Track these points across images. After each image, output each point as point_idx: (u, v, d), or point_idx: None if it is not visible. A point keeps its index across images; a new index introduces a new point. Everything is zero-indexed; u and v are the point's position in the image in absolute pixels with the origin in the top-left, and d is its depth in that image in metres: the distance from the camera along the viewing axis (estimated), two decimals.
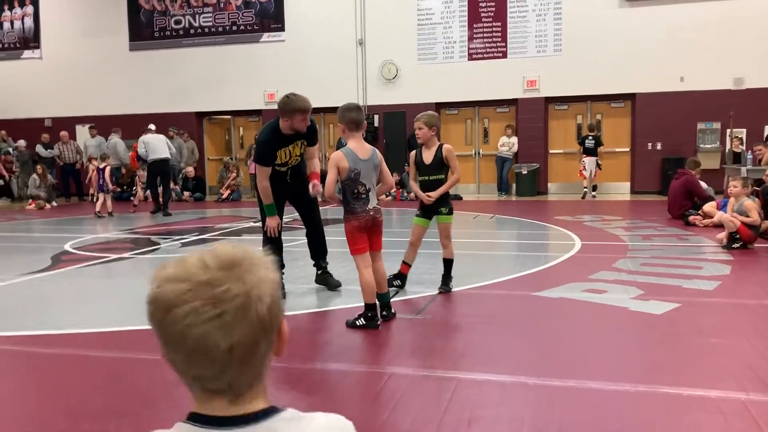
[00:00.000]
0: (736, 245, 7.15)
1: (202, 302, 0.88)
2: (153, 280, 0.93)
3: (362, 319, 4.36)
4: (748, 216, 7.21)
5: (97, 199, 12.58)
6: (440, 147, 5.25)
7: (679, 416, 2.95)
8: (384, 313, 4.53)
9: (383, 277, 4.50)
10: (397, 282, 5.52)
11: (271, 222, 5.19)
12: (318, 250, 5.70)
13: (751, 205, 7.32)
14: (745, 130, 13.59)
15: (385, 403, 3.15)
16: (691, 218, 9.19)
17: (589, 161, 14.19)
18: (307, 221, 5.71)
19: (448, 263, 5.43)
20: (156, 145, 12.61)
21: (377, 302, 4.43)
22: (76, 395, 3.38)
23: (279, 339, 0.97)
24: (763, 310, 4.70)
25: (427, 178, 5.28)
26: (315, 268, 5.76)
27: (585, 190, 14.40)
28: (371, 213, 4.35)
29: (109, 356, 3.97)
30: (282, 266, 5.63)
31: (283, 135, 5.14)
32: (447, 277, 5.45)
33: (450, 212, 5.32)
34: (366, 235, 4.36)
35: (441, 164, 5.23)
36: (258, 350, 0.92)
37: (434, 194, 5.22)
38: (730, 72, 13.81)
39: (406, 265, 5.55)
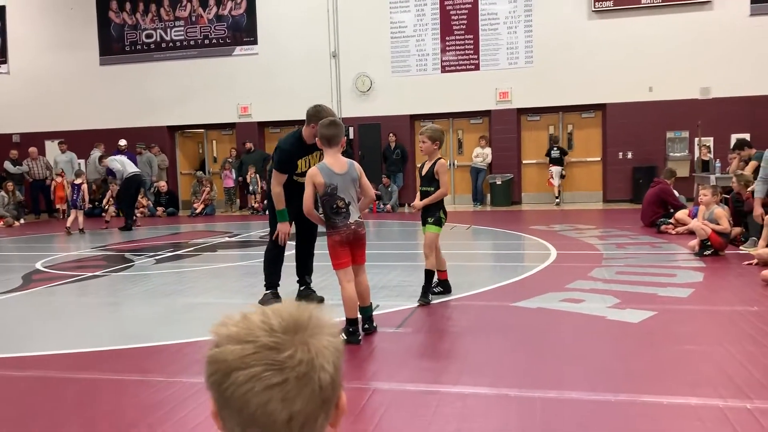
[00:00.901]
0: (708, 252, 7.28)
1: (264, 368, 0.84)
2: (213, 337, 0.88)
3: (343, 334, 4.34)
4: (718, 224, 7.36)
5: (69, 215, 12.37)
6: (436, 161, 5.45)
7: (660, 425, 2.99)
8: (366, 326, 4.52)
9: (366, 290, 4.49)
10: (439, 288, 5.68)
11: (283, 228, 5.19)
12: (306, 268, 5.71)
13: (721, 212, 7.47)
14: (712, 139, 13.88)
15: (368, 420, 3.14)
16: (663, 227, 9.36)
17: (554, 170, 14.79)
18: (303, 236, 5.65)
19: (427, 275, 5.47)
20: (126, 161, 12.93)
21: (358, 316, 4.42)
22: (50, 419, 3.30)
23: (336, 411, 0.92)
24: (735, 316, 4.79)
25: (421, 188, 5.56)
26: (298, 284, 5.73)
27: (557, 198, 14.81)
28: (352, 227, 4.33)
29: (85, 377, 3.89)
30: (279, 277, 5.63)
31: (305, 144, 5.20)
32: (426, 289, 5.47)
33: (436, 223, 5.44)
34: (348, 249, 4.35)
35: (432, 177, 5.42)
36: (316, 424, 0.87)
37: (417, 204, 5.49)
38: (697, 82, 14.12)
39: (441, 271, 5.72)
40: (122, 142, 15.44)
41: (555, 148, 14.87)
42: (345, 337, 4.32)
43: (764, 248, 6.77)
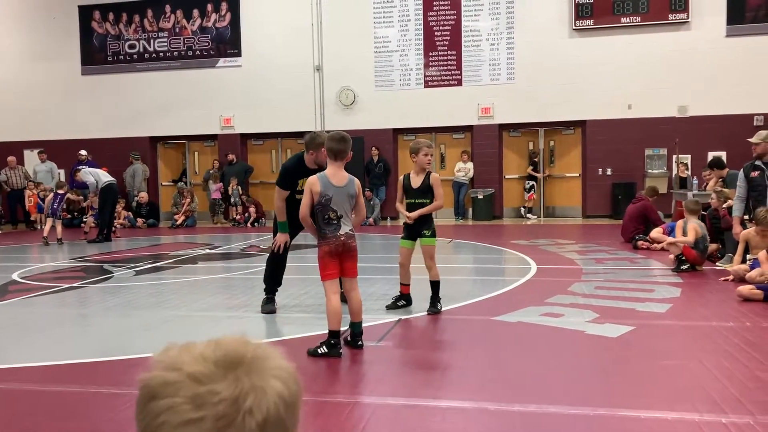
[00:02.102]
0: (684, 267, 7.39)
1: (183, 400, 0.74)
2: (153, 361, 0.80)
3: (325, 347, 4.32)
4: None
5: (45, 224, 12.20)
6: (428, 174, 5.64)
7: None
8: (360, 343, 4.51)
9: (358, 305, 4.48)
10: (402, 302, 5.77)
11: (281, 238, 5.50)
12: None
13: (692, 225, 7.60)
14: (689, 156, 14.11)
15: None
16: (639, 243, 9.49)
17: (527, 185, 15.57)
18: None
19: (434, 285, 5.60)
20: (100, 172, 12.80)
21: (341, 330, 4.41)
22: None
23: None
24: (711, 331, 4.86)
25: (413, 201, 5.66)
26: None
27: (523, 208, 15.63)
28: (342, 238, 4.34)
29: (61, 390, 3.83)
30: (279, 284, 5.88)
31: (305, 167, 5.43)
32: (435, 299, 5.59)
33: (433, 235, 5.64)
34: (337, 261, 4.36)
35: (428, 189, 5.61)
36: None
37: (413, 214, 5.58)
38: (675, 100, 14.37)
39: (404, 285, 5.78)
40: (83, 152, 15.41)
41: (531, 163, 15.54)
42: (326, 350, 4.31)
43: (740, 264, 6.88)
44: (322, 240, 4.37)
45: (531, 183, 15.40)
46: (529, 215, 15.45)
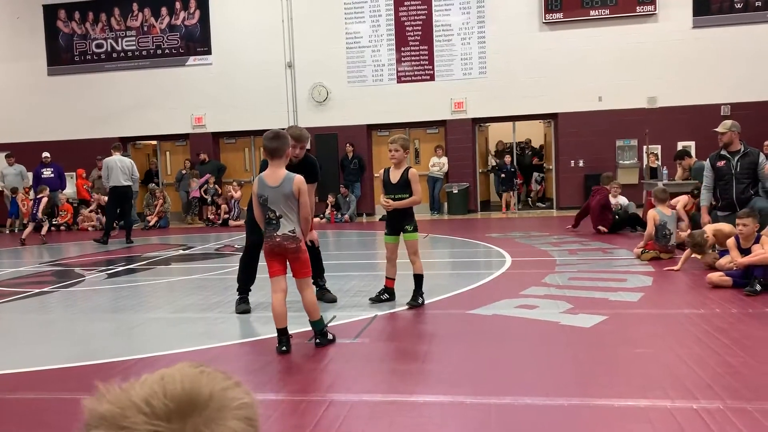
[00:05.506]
0: (649, 256, 7.55)
1: None
2: (86, 415, 0.67)
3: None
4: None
5: (26, 227, 12.38)
6: (407, 170, 5.62)
7: (612, 428, 3.05)
8: (317, 340, 4.51)
9: (309, 305, 4.49)
10: (385, 296, 5.78)
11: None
12: (317, 269, 5.83)
13: (651, 215, 7.83)
14: (659, 147, 14.32)
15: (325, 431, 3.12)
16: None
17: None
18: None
19: (417, 278, 5.62)
20: (118, 168, 11.70)
21: (287, 327, 4.46)
22: None
23: None
24: (682, 318, 4.93)
25: (393, 196, 5.62)
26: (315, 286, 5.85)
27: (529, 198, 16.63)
28: (277, 239, 4.36)
29: (30, 398, 3.76)
30: (252, 282, 5.87)
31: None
32: (417, 292, 5.62)
33: (414, 230, 5.63)
34: (280, 261, 4.43)
35: (406, 185, 5.58)
36: None
37: (393, 204, 5.56)
38: (644, 92, 14.56)
39: (390, 279, 5.80)
40: (46, 155, 15.23)
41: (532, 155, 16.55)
42: (277, 346, 4.43)
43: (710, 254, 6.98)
44: (265, 239, 4.46)
45: (541, 175, 16.36)
46: (539, 204, 16.33)
